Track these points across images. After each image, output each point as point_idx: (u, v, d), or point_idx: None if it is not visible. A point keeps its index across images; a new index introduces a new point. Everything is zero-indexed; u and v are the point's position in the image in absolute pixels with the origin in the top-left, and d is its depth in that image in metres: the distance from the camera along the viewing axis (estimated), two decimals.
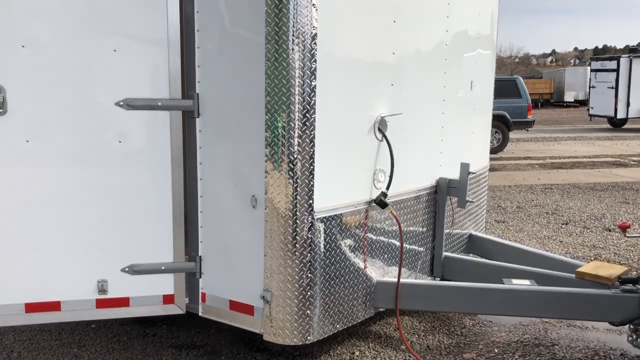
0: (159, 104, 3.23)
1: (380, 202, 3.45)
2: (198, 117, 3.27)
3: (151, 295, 3.38)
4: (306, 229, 3.05)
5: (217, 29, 3.15)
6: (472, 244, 4.74)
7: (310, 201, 3.05)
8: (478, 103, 4.73)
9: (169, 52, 3.20)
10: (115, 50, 3.16)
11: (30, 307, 3.24)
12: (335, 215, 3.24)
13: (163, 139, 3.27)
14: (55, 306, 3.26)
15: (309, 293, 3.11)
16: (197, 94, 3.25)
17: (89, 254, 3.26)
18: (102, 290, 3.30)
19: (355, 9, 3.25)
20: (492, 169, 12.94)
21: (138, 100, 3.22)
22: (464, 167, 4.03)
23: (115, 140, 3.23)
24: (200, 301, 3.42)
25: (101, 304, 3.31)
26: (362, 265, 3.47)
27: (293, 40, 2.88)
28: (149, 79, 3.22)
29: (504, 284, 3.56)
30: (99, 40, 3.15)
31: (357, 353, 3.85)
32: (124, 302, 3.34)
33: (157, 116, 3.26)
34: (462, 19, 4.26)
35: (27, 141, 3.15)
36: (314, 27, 2.93)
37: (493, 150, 15.50)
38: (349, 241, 3.35)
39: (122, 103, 3.21)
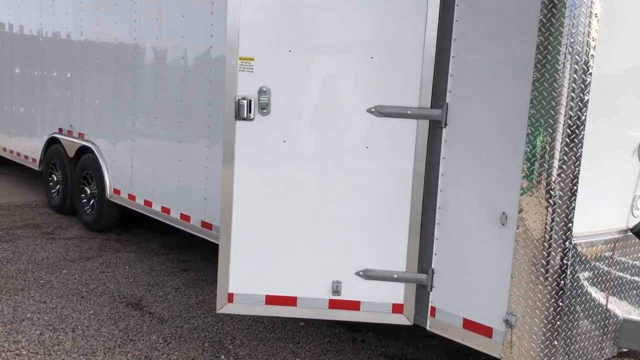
0: (408, 112, 3.28)
1: (639, 233, 3.17)
2: (445, 127, 3.26)
3: (381, 302, 3.42)
4: (561, 254, 2.89)
5: (476, 37, 3.12)
6: None
7: (570, 224, 2.89)
8: None
9: (423, 60, 3.23)
10: (372, 58, 3.27)
11: (270, 299, 3.43)
12: (588, 242, 3.04)
13: (407, 148, 3.31)
14: (292, 301, 3.43)
15: (557, 323, 2.95)
16: (447, 103, 3.23)
17: (328, 254, 3.40)
18: (336, 291, 3.41)
19: (635, 18, 3.02)
20: None
21: (388, 108, 3.29)
22: None
23: (363, 146, 3.33)
24: (429, 315, 3.39)
25: (334, 304, 3.42)
26: (609, 298, 3.21)
27: (569, 50, 2.74)
28: (400, 86, 3.28)
29: None
30: (359, 47, 3.28)
31: None
32: (355, 305, 3.42)
33: (404, 124, 3.31)
34: None
35: (284, 141, 3.36)
36: (593, 37, 2.77)
37: None
38: (597, 271, 3.11)
39: (373, 110, 3.30)
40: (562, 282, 2.93)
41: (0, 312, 4.31)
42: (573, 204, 2.88)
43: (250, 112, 3.32)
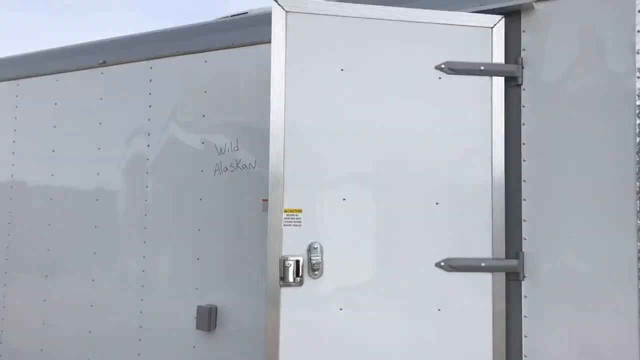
0: (482, 264, 2.89)
1: None
2: (523, 279, 2.89)
3: None
4: None
5: None
6: None
7: None
8: None
9: (492, 204, 2.90)
10: (437, 204, 2.86)
11: None
12: None
13: (483, 305, 2.85)
14: None
15: None
16: (523, 252, 2.89)
17: None
18: None
19: None
20: None
21: (460, 260, 2.85)
22: None
23: (434, 308, 2.81)
24: None
25: None
26: None
27: None
28: (471, 237, 2.87)
29: None
30: (422, 193, 2.85)
31: None
32: None
33: (477, 278, 2.87)
34: None
35: (341, 309, 2.72)
36: None
37: None
38: None
39: (442, 264, 2.83)
40: None
41: None
42: None
43: (298, 276, 2.64)
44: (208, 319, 3.62)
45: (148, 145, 3.97)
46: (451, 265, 2.87)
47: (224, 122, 3.69)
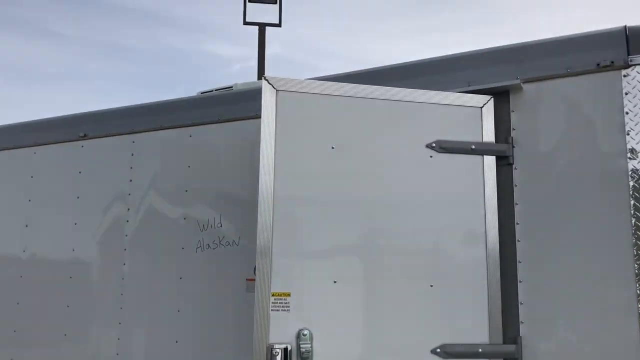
0: (479, 350, 2.75)
1: None
2: None
3: None
4: None
5: None
6: None
7: None
8: None
9: (488, 295, 2.81)
10: (432, 286, 2.76)
11: None
12: None
13: None
14: None
15: None
16: (520, 337, 2.79)
17: None
18: None
19: None
20: None
21: (457, 347, 2.73)
22: None
23: None
24: None
25: None
26: None
27: None
28: (467, 323, 2.76)
29: None
30: (418, 273, 2.75)
31: None
32: None
33: None
34: None
35: None
36: None
37: None
38: None
39: (438, 350, 2.70)
40: None
41: None
42: None
43: None
44: None
45: (127, 221, 3.84)
46: (447, 352, 2.74)
47: (207, 198, 3.60)
